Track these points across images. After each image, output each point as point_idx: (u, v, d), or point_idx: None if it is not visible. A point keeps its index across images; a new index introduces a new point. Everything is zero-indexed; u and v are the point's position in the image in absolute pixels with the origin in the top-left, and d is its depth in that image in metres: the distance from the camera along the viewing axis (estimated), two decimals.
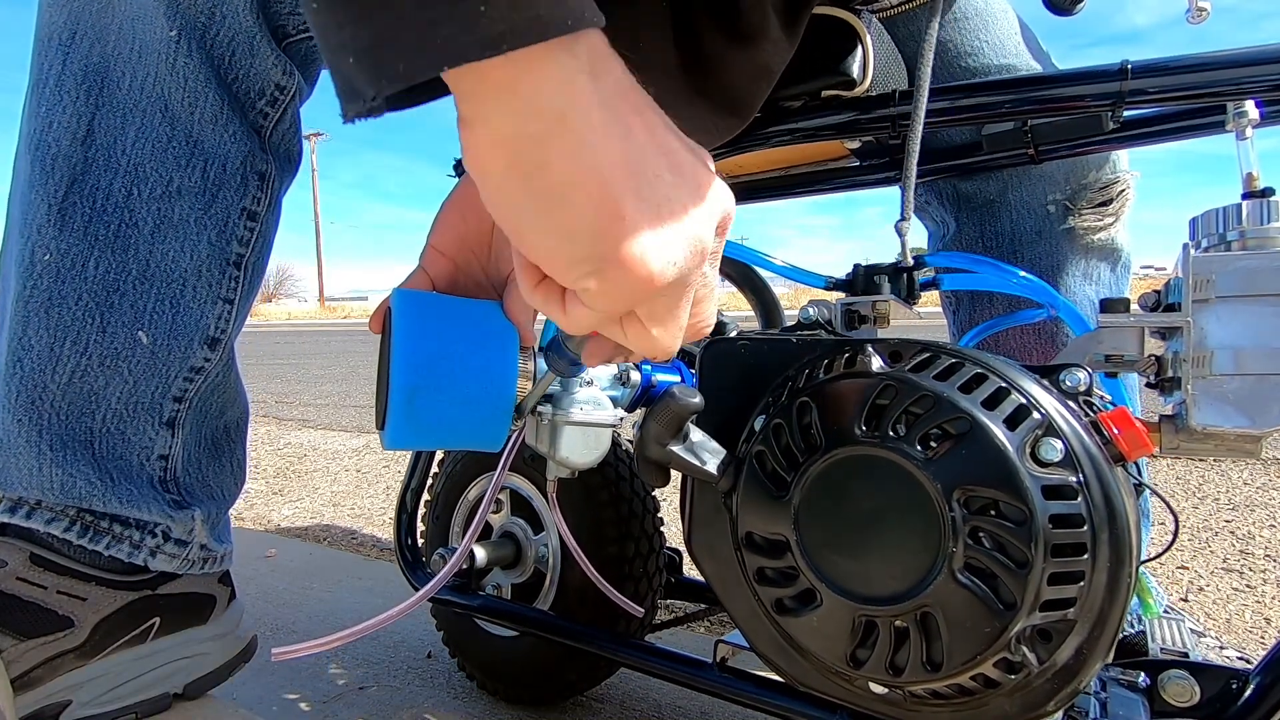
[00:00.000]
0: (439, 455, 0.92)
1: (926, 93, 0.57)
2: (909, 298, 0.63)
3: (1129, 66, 0.58)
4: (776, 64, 0.57)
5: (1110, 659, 0.43)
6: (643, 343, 0.35)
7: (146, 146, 0.59)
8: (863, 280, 0.64)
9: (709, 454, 0.50)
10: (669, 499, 1.60)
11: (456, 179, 0.57)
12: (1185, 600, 1.20)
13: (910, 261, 0.60)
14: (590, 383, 0.61)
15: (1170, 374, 0.49)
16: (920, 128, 0.57)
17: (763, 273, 0.93)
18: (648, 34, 0.54)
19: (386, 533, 1.64)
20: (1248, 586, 1.24)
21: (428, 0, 0.25)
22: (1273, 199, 0.48)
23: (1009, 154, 0.71)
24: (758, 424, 0.49)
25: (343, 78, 0.26)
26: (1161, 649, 0.65)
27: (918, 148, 0.57)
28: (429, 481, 0.92)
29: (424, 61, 0.25)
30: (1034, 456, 0.41)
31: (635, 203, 0.30)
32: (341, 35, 0.26)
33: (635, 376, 0.67)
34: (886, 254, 0.62)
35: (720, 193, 0.34)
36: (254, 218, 0.65)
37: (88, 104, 0.58)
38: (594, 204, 0.29)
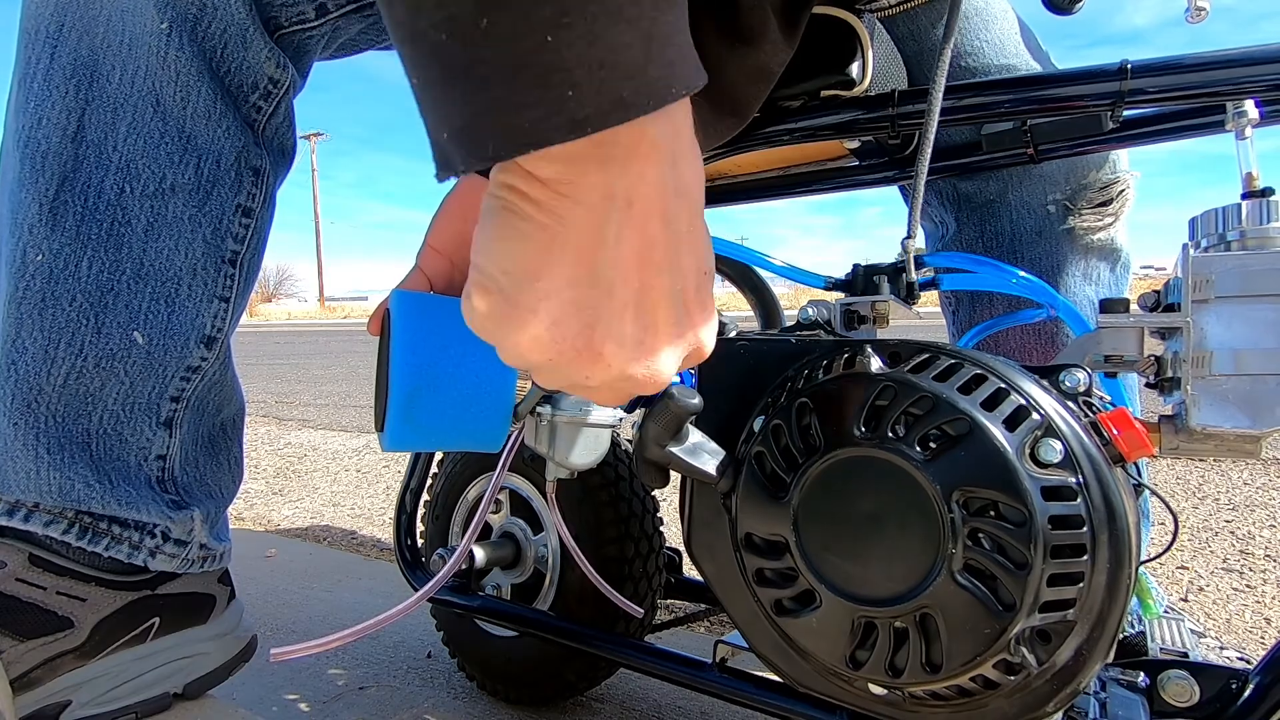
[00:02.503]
0: (438, 456, 0.92)
1: (935, 129, 0.56)
2: (908, 298, 0.63)
3: (1129, 66, 0.58)
4: (776, 65, 0.57)
5: (1110, 660, 0.43)
6: (504, 351, 0.35)
7: (138, 142, 0.59)
8: (862, 280, 0.64)
9: (708, 455, 0.49)
10: (669, 499, 1.59)
11: (454, 179, 0.56)
12: (1185, 600, 1.20)
13: (916, 278, 0.60)
14: None
15: (1170, 374, 0.49)
16: (928, 159, 0.56)
17: (762, 273, 0.93)
18: None
19: (386, 533, 1.64)
20: (1248, 586, 1.24)
21: (521, 86, 0.25)
22: (1272, 199, 0.48)
23: (1008, 154, 0.71)
24: (757, 425, 0.49)
25: (438, 147, 0.28)
26: (1161, 649, 0.65)
27: (925, 168, 0.56)
28: (428, 482, 0.92)
29: (512, 144, 0.26)
30: (1033, 458, 0.41)
31: (561, 287, 0.30)
32: (440, 112, 0.27)
33: None
34: (886, 254, 0.62)
35: (656, 365, 0.33)
36: (249, 214, 0.65)
37: (77, 99, 0.58)
38: (530, 256, 0.30)
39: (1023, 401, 0.43)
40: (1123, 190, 0.80)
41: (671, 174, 0.31)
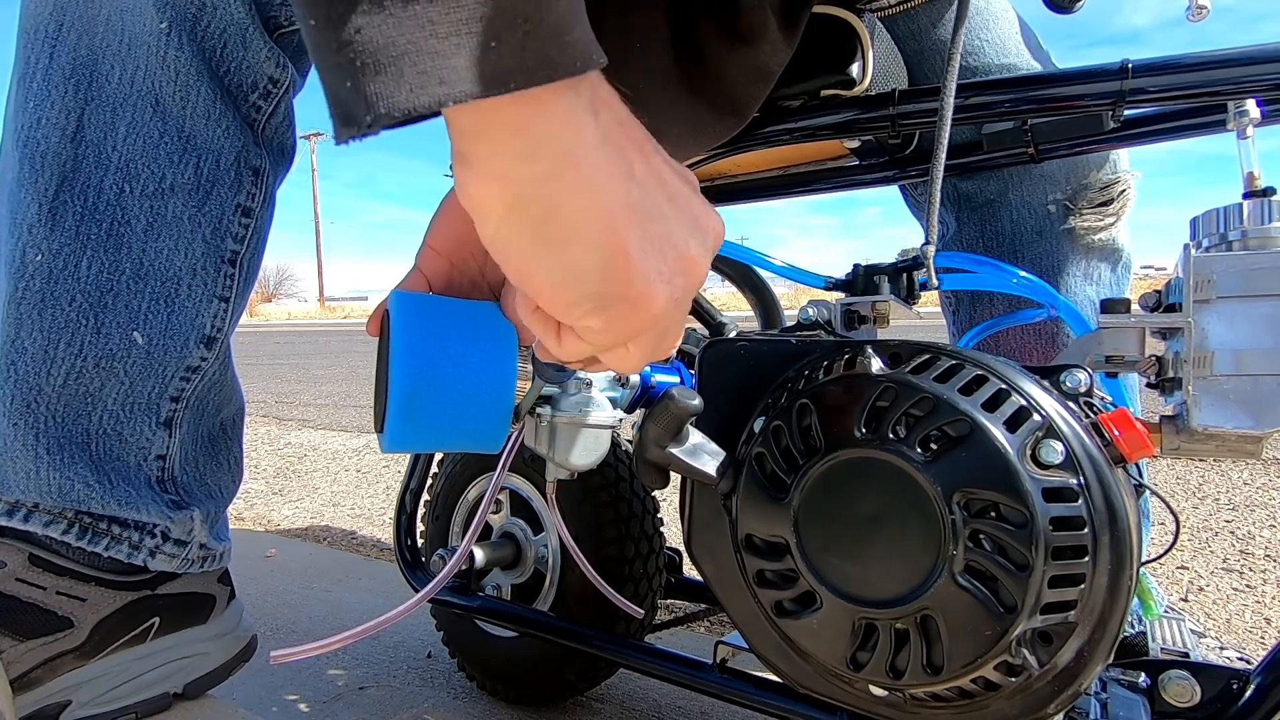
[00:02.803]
0: (438, 456, 0.92)
1: (948, 130, 0.56)
2: (909, 298, 0.63)
3: (1130, 65, 0.58)
4: (775, 65, 0.57)
5: (1111, 660, 0.43)
6: (621, 364, 0.35)
7: (138, 142, 0.59)
8: (862, 280, 0.64)
9: (708, 456, 0.49)
10: (669, 499, 1.59)
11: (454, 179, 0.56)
12: (1185, 600, 1.20)
13: (937, 283, 0.60)
14: (589, 384, 0.61)
15: (1171, 374, 0.49)
16: (943, 161, 0.56)
17: (762, 273, 0.93)
18: (646, 36, 0.54)
19: (386, 533, 1.64)
20: (1248, 586, 1.24)
21: (437, 31, 0.24)
22: (1274, 198, 0.48)
23: (1009, 153, 0.71)
24: (757, 426, 0.49)
25: (338, 100, 0.25)
26: (1162, 649, 0.65)
27: (941, 171, 0.56)
28: (429, 482, 0.92)
29: (428, 95, 0.24)
30: (1034, 459, 0.41)
31: (640, 241, 0.30)
32: (340, 56, 0.24)
33: (634, 378, 0.67)
34: (886, 254, 0.62)
35: (711, 219, 0.34)
36: (249, 214, 0.65)
37: (76, 98, 0.58)
38: (600, 243, 0.29)
39: (1024, 402, 0.42)
40: (1123, 190, 0.80)
41: (621, 105, 0.31)
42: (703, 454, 0.49)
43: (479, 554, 0.80)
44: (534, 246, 0.29)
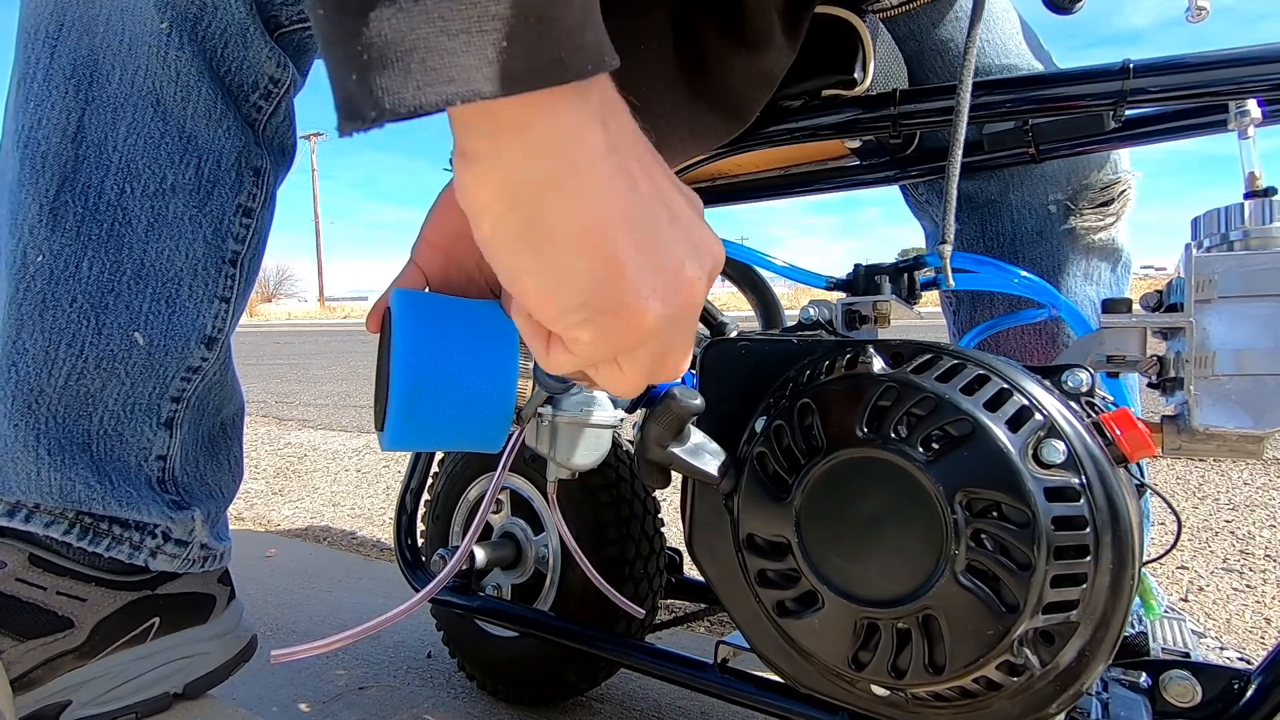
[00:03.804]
0: (439, 455, 0.92)
1: (964, 129, 0.56)
2: (910, 298, 0.63)
3: (1131, 65, 0.58)
4: (779, 69, 0.57)
5: (1112, 660, 0.43)
6: (613, 384, 0.35)
7: (139, 142, 0.59)
8: (863, 280, 0.64)
9: (710, 456, 0.49)
10: (670, 499, 1.59)
11: (453, 173, 0.56)
12: (1185, 600, 1.20)
13: (953, 283, 0.60)
14: None
15: (1172, 374, 0.49)
16: (959, 160, 0.56)
17: (763, 273, 0.92)
18: (650, 39, 0.54)
19: (386, 533, 1.64)
20: (1248, 586, 1.24)
21: (449, 28, 0.23)
22: (1275, 198, 0.48)
23: (1010, 153, 0.71)
24: (759, 425, 0.49)
25: (343, 91, 0.25)
26: (1163, 649, 0.65)
27: (957, 170, 0.56)
28: (429, 482, 0.92)
29: (436, 92, 0.24)
30: (1036, 458, 0.41)
31: (635, 255, 0.30)
32: (348, 47, 0.24)
33: None
34: (886, 253, 0.62)
35: (712, 244, 0.34)
36: (249, 214, 0.65)
37: (77, 99, 0.58)
38: (595, 254, 0.29)
39: (1025, 402, 0.43)
40: (1124, 190, 0.80)
41: (630, 119, 0.31)
42: (704, 454, 0.49)
43: (479, 554, 0.80)
44: (527, 250, 0.29)
